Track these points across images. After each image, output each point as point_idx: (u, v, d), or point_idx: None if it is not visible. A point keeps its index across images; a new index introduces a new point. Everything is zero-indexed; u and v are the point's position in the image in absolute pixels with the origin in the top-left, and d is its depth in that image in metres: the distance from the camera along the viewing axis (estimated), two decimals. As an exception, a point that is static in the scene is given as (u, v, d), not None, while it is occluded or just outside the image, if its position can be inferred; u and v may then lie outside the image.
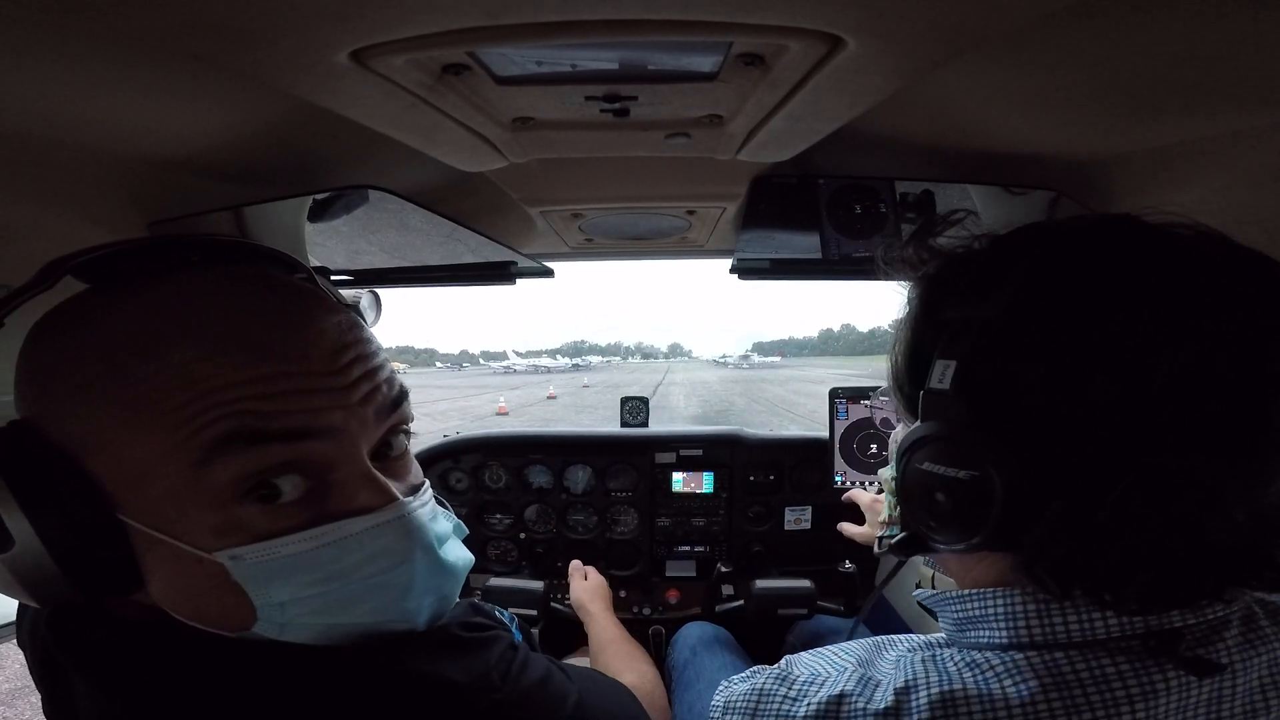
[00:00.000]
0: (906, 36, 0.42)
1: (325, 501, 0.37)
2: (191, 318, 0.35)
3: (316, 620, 0.37)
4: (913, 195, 0.86)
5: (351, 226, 0.94)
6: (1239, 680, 0.39)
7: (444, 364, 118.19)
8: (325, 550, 0.36)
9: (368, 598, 0.38)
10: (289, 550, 0.35)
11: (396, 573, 0.38)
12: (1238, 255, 0.37)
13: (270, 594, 0.35)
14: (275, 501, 0.35)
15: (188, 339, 0.34)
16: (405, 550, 0.38)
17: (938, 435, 0.41)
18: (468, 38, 0.42)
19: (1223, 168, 0.62)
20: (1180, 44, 0.44)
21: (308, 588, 0.36)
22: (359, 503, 0.37)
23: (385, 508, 0.38)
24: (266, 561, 0.35)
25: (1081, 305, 0.36)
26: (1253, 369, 0.34)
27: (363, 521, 0.37)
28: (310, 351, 0.37)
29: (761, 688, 0.46)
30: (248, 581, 0.35)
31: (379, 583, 0.38)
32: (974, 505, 0.38)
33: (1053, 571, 0.38)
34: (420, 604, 0.40)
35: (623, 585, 1.66)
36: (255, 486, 0.35)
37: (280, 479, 0.35)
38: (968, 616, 0.44)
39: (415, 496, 0.41)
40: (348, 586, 0.37)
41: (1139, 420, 0.34)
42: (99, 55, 0.41)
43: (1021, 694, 0.38)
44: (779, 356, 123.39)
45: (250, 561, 0.35)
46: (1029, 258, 0.40)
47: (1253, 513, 0.34)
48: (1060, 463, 0.36)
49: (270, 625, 0.36)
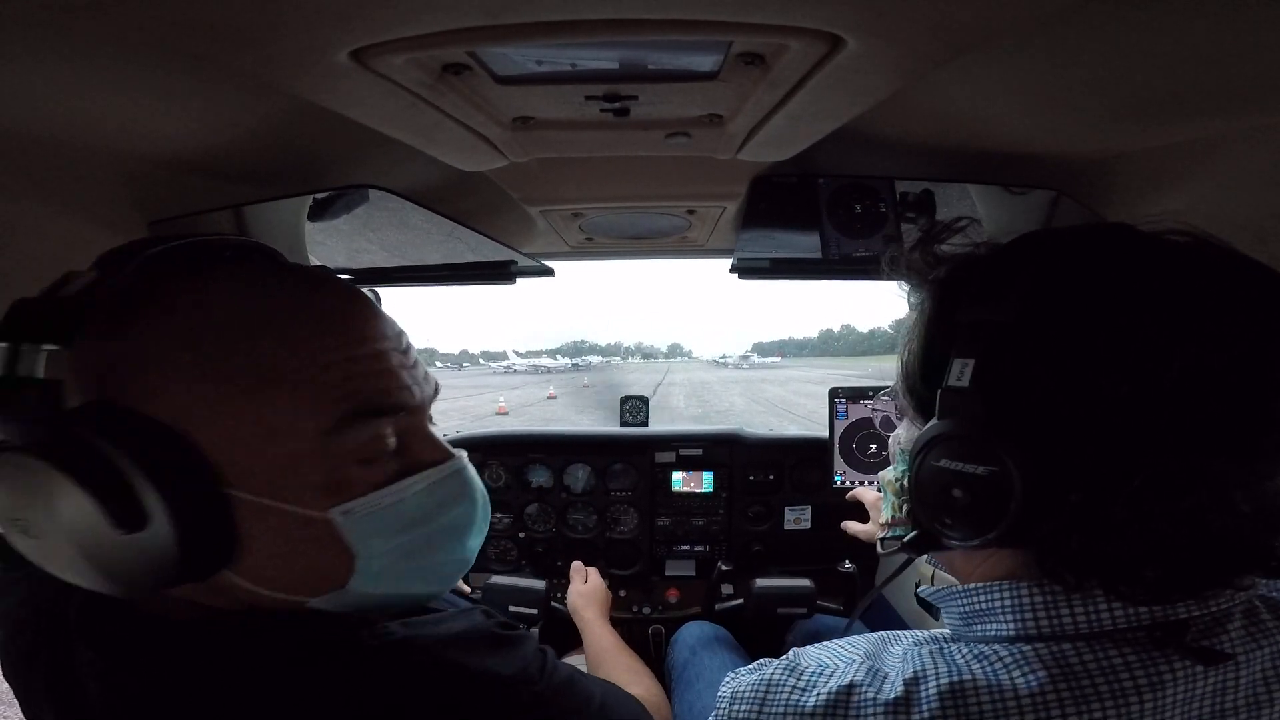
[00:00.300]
0: (906, 36, 0.42)
1: (404, 458, 0.43)
2: (283, 301, 0.39)
3: (403, 565, 0.42)
4: (913, 195, 0.86)
5: (352, 225, 0.94)
6: (1243, 672, 0.40)
7: (444, 364, 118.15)
8: (414, 498, 0.42)
9: (441, 540, 0.44)
10: (389, 500, 0.40)
11: (463, 510, 0.45)
12: (1235, 261, 0.38)
13: (371, 545, 0.40)
14: (377, 461, 0.41)
15: (312, 322, 0.39)
16: (470, 491, 0.46)
17: (956, 432, 0.41)
18: (468, 37, 0.42)
19: (1222, 168, 0.62)
20: (1180, 44, 0.44)
21: (399, 534, 0.41)
22: (430, 457, 0.44)
23: (449, 461, 0.45)
24: (372, 513, 0.40)
25: (1088, 310, 0.38)
26: (1252, 369, 0.35)
27: (439, 471, 0.44)
28: (389, 334, 0.43)
29: (770, 678, 0.46)
30: (354, 534, 0.39)
31: (449, 523, 0.45)
32: (992, 500, 0.39)
33: (1068, 564, 0.39)
34: (474, 546, 0.47)
35: (623, 585, 1.66)
36: (375, 452, 0.40)
37: (388, 443, 0.41)
38: (974, 610, 0.44)
39: (458, 454, 0.47)
40: (428, 529, 0.43)
41: (1149, 418, 0.35)
42: (99, 55, 0.41)
43: (1030, 685, 0.38)
44: (779, 357, 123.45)
45: (359, 515, 0.39)
46: (1035, 264, 0.41)
47: (1257, 505, 0.35)
48: (1075, 459, 0.37)
49: (365, 577, 0.40)
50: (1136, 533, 0.36)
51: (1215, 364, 0.34)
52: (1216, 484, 0.35)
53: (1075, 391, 0.37)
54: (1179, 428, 0.35)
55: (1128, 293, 0.37)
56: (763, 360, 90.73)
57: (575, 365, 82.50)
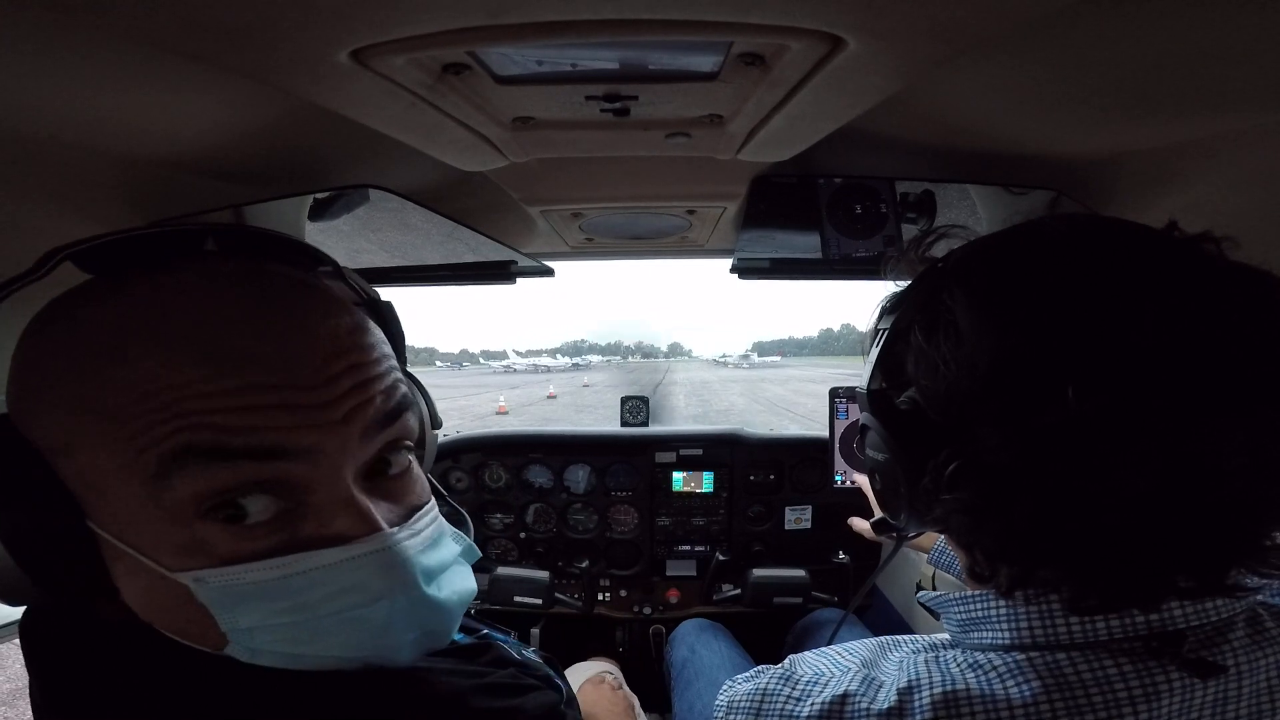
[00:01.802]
0: (906, 36, 0.42)
1: (300, 525, 0.34)
2: (166, 320, 0.33)
3: (287, 649, 0.34)
4: (913, 195, 0.86)
5: (352, 225, 0.94)
6: (1245, 682, 0.39)
7: (444, 363, 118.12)
8: (294, 580, 0.33)
9: (339, 631, 0.35)
10: (253, 577, 0.33)
11: (372, 609, 0.35)
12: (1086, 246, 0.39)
13: (236, 619, 0.33)
14: (241, 522, 0.33)
15: (156, 343, 0.32)
16: (383, 587, 0.35)
17: (864, 422, 0.48)
18: (468, 37, 0.42)
19: (1222, 168, 0.62)
20: (1180, 44, 0.44)
21: (275, 616, 0.33)
22: (335, 530, 0.34)
23: (364, 539, 0.35)
24: (230, 586, 0.33)
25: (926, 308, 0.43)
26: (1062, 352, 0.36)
27: (337, 553, 0.34)
28: (293, 361, 0.34)
29: (765, 688, 0.46)
30: (212, 605, 0.33)
31: (352, 618, 0.35)
32: (890, 485, 0.46)
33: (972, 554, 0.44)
34: (400, 641, 0.37)
35: (623, 585, 1.67)
36: (217, 505, 0.32)
37: (246, 499, 0.32)
38: (971, 618, 0.44)
39: (405, 525, 0.37)
40: (318, 619, 0.34)
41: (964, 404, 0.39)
42: (99, 55, 0.41)
43: (1024, 694, 0.38)
44: (779, 356, 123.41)
45: (213, 585, 0.33)
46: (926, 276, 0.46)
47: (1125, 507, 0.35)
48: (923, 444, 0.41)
49: (241, 649, 0.34)
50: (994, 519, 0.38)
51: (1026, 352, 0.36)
52: (1014, 469, 0.36)
53: (921, 385, 0.41)
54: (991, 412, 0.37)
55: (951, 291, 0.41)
56: (763, 360, 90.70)
57: (575, 365, 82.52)
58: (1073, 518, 0.35)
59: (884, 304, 0.49)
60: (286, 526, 0.34)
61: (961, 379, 0.38)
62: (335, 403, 0.35)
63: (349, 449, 0.35)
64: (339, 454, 0.35)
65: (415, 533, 0.38)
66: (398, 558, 0.35)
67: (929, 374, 0.40)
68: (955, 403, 0.39)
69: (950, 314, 0.39)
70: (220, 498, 0.32)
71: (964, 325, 0.38)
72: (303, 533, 0.34)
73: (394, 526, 0.37)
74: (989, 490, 0.37)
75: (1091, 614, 0.39)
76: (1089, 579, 0.37)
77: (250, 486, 0.33)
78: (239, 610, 0.33)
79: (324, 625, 0.34)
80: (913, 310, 0.44)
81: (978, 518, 0.39)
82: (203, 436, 0.31)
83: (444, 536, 0.42)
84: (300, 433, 0.33)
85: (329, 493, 0.34)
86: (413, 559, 0.36)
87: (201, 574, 0.32)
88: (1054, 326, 0.35)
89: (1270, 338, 0.34)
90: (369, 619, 0.35)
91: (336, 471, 0.35)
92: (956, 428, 0.38)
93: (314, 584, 0.34)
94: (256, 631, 0.34)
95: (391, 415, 0.38)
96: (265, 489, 0.33)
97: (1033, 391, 0.35)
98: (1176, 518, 0.34)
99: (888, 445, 0.44)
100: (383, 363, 0.39)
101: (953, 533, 0.45)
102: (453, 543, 0.43)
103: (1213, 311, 0.34)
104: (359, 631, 0.35)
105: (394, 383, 0.39)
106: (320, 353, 0.35)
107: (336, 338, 0.36)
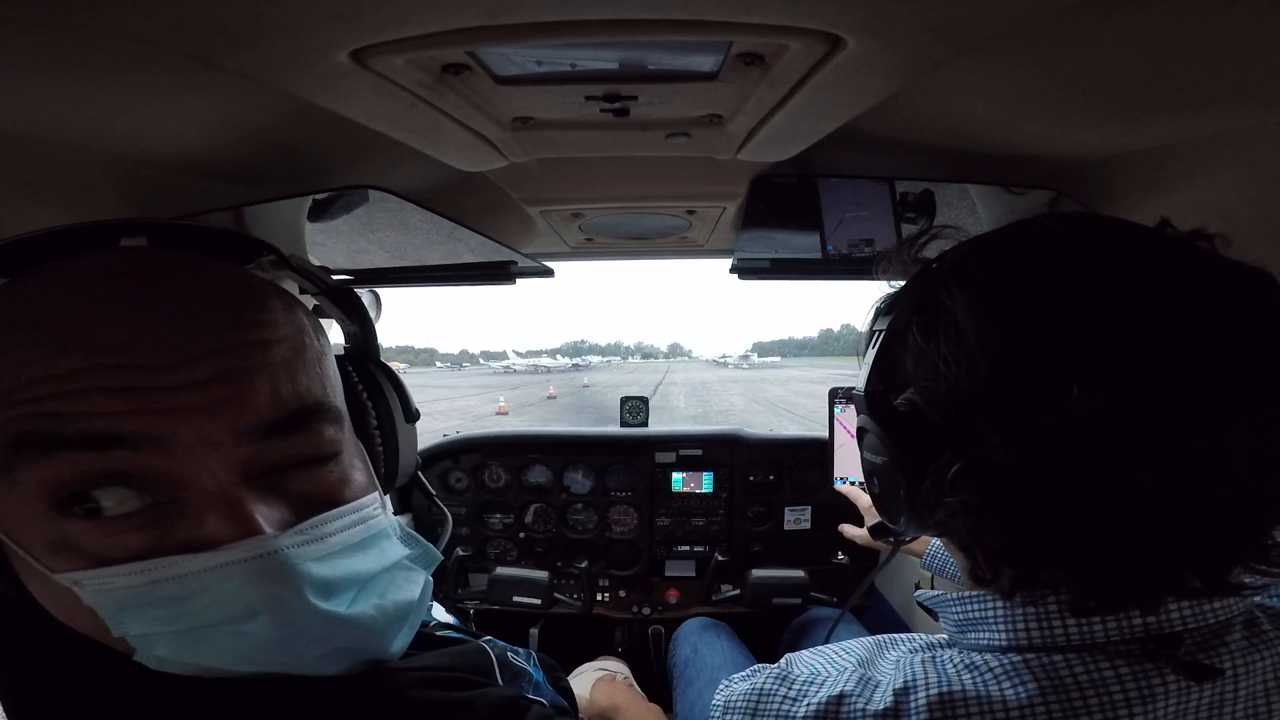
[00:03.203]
0: (906, 36, 0.42)
1: (174, 524, 0.31)
2: (22, 309, 0.31)
3: (189, 659, 0.31)
4: (912, 195, 0.86)
5: (352, 226, 0.94)
6: (1241, 684, 0.39)
7: (444, 364, 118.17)
8: (164, 586, 0.30)
9: (227, 644, 0.31)
10: (124, 582, 0.30)
11: (252, 624, 0.31)
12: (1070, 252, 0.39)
13: (124, 625, 0.30)
14: (100, 517, 0.30)
15: (4, 331, 0.30)
16: (257, 600, 0.30)
17: (864, 425, 0.47)
18: (468, 37, 0.42)
19: (1222, 168, 0.62)
20: (1179, 43, 0.44)
21: (160, 624, 0.30)
22: (206, 532, 0.31)
23: (237, 543, 0.30)
24: (106, 590, 0.30)
25: (924, 313, 0.43)
26: (1057, 356, 0.36)
27: (203, 559, 0.30)
28: (143, 342, 0.30)
29: (761, 687, 0.46)
30: (99, 610, 0.30)
31: (233, 631, 0.31)
32: (890, 487, 0.45)
33: (973, 556, 0.43)
34: (306, 657, 0.33)
35: (622, 585, 1.67)
36: (69, 499, 0.29)
37: (99, 491, 0.29)
38: (968, 618, 0.44)
39: (299, 529, 0.33)
40: (201, 630, 0.30)
41: (962, 406, 0.38)
42: (99, 55, 0.41)
43: (1020, 696, 0.38)
44: (779, 357, 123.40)
45: (90, 589, 0.30)
46: (920, 278, 0.46)
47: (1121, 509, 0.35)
48: (922, 446, 0.41)
49: (146, 656, 0.31)
50: (996, 518, 0.38)
51: (1028, 351, 0.36)
52: (1014, 469, 0.36)
53: (920, 386, 0.41)
54: (992, 412, 0.37)
55: (952, 293, 0.40)
56: (763, 360, 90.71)
57: (575, 365, 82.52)
58: (1075, 517, 0.35)
59: (879, 305, 0.49)
60: (159, 524, 0.31)
61: (962, 379, 0.38)
62: (190, 388, 0.30)
63: (212, 440, 0.31)
64: (196, 445, 0.30)
65: (314, 537, 0.33)
66: (277, 566, 0.31)
67: (929, 375, 0.40)
68: (956, 403, 0.38)
69: (950, 314, 0.39)
70: (68, 490, 0.29)
71: (964, 325, 0.38)
72: (178, 533, 0.31)
73: (284, 529, 0.32)
74: (991, 491, 0.37)
75: (1091, 615, 0.39)
76: (1090, 579, 0.37)
77: (98, 478, 0.29)
78: (124, 616, 0.30)
79: (209, 637, 0.31)
80: (910, 311, 0.43)
81: (980, 519, 0.38)
82: (34, 424, 0.29)
83: (378, 539, 0.37)
84: (142, 418, 0.30)
85: (199, 489, 0.31)
86: (299, 568, 0.31)
87: (77, 576, 0.30)
88: (1055, 325, 0.35)
89: (1268, 335, 0.34)
90: (252, 634, 0.31)
91: (199, 464, 0.31)
92: (957, 428, 0.38)
93: (188, 592, 0.30)
94: (151, 639, 0.31)
95: (288, 424, 0.34)
96: (118, 481, 0.30)
97: (1035, 390, 0.35)
98: (1179, 516, 0.34)
99: (887, 448, 0.44)
100: (275, 354, 0.34)
101: (953, 535, 0.44)
102: (398, 546, 0.39)
103: (1211, 309, 0.34)
104: (249, 646, 0.31)
105: (299, 384, 0.34)
106: (180, 333, 0.31)
107: (205, 318, 0.32)
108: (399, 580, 0.38)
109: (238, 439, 0.32)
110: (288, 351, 0.35)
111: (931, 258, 0.46)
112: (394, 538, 0.39)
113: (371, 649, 0.36)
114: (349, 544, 0.35)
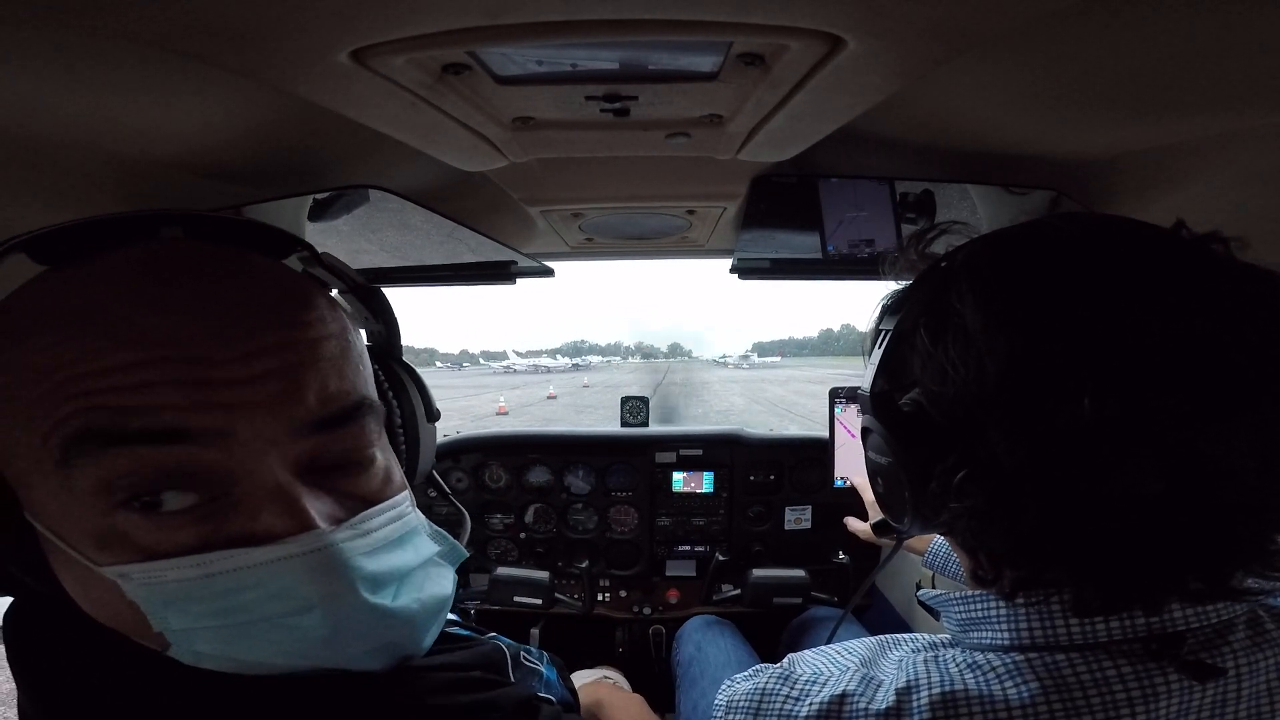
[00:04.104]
0: (906, 36, 0.42)
1: (228, 519, 0.31)
2: (72, 298, 0.30)
3: (228, 654, 0.31)
4: (913, 195, 0.86)
5: (352, 226, 0.94)
6: (1244, 684, 0.39)
7: (444, 364, 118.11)
8: (218, 580, 0.30)
9: (277, 639, 0.31)
10: (176, 575, 0.30)
11: (306, 618, 0.31)
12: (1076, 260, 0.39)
13: (168, 620, 0.30)
14: (159, 511, 0.30)
15: (57, 321, 0.29)
16: (315, 594, 0.31)
17: (868, 425, 0.47)
18: (468, 37, 0.42)
19: (1223, 168, 0.62)
20: (1180, 44, 0.44)
21: (207, 618, 0.30)
22: (263, 526, 0.31)
23: (294, 538, 0.31)
24: (155, 584, 0.30)
25: (932, 314, 0.42)
26: (1067, 360, 0.35)
27: (261, 553, 0.30)
28: (202, 335, 0.30)
29: (764, 687, 0.46)
30: (142, 604, 0.30)
31: (286, 625, 0.31)
32: (895, 487, 0.45)
33: (976, 557, 0.43)
34: (351, 652, 0.33)
35: (622, 585, 1.67)
36: (128, 493, 0.29)
37: (160, 487, 0.30)
38: (970, 618, 0.44)
39: (349, 524, 0.33)
40: (251, 624, 0.31)
41: (972, 408, 0.38)
42: (99, 55, 0.41)
43: (1022, 695, 0.38)
44: (779, 357, 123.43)
45: (137, 582, 0.30)
46: (927, 280, 0.45)
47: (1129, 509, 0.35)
48: (929, 446, 0.41)
49: (183, 652, 0.31)
50: (1001, 520, 0.38)
51: (1037, 355, 0.36)
52: (1022, 474, 0.36)
53: (927, 388, 0.41)
54: (1000, 415, 0.36)
55: (960, 296, 0.40)
56: (763, 360, 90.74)
57: (575, 365, 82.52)
58: (1081, 520, 0.35)
59: (885, 303, 0.48)
60: (211, 519, 0.31)
61: (970, 383, 0.37)
62: (250, 382, 0.31)
63: (270, 436, 0.31)
64: (256, 440, 0.31)
65: (362, 532, 0.34)
66: (332, 560, 0.31)
67: (936, 378, 0.40)
68: (963, 406, 0.38)
69: (959, 316, 0.39)
70: (129, 484, 0.29)
71: (973, 327, 0.38)
72: (230, 528, 0.31)
73: (336, 524, 0.33)
74: (998, 494, 0.37)
75: (1094, 615, 0.38)
76: (1094, 581, 0.37)
77: (162, 473, 0.29)
78: (169, 611, 0.30)
79: (259, 631, 0.31)
80: (918, 311, 0.43)
81: (985, 521, 0.38)
82: (95, 418, 0.28)
83: (412, 536, 0.38)
84: (205, 413, 0.30)
85: (254, 483, 0.31)
86: (351, 562, 0.32)
87: (125, 569, 0.30)
88: (1066, 329, 0.35)
89: (1271, 336, 0.34)
90: (305, 628, 0.31)
91: (257, 460, 0.31)
92: (963, 431, 0.38)
93: (242, 586, 0.30)
94: (193, 634, 0.31)
95: (337, 420, 0.34)
96: (180, 476, 0.30)
97: (1044, 395, 0.35)
98: (1184, 520, 0.34)
99: (891, 449, 0.44)
100: (325, 350, 0.34)
101: (958, 536, 0.44)
102: (429, 543, 0.39)
103: (1222, 313, 0.34)
104: (299, 641, 0.31)
105: (346, 381, 0.35)
106: (238, 328, 0.31)
107: (262, 313, 0.32)
108: (433, 575, 0.38)
109: (292, 435, 0.32)
110: (335, 348, 0.35)
111: (939, 255, 0.46)
112: (424, 534, 0.40)
113: (409, 644, 0.36)
114: (390, 539, 0.36)
